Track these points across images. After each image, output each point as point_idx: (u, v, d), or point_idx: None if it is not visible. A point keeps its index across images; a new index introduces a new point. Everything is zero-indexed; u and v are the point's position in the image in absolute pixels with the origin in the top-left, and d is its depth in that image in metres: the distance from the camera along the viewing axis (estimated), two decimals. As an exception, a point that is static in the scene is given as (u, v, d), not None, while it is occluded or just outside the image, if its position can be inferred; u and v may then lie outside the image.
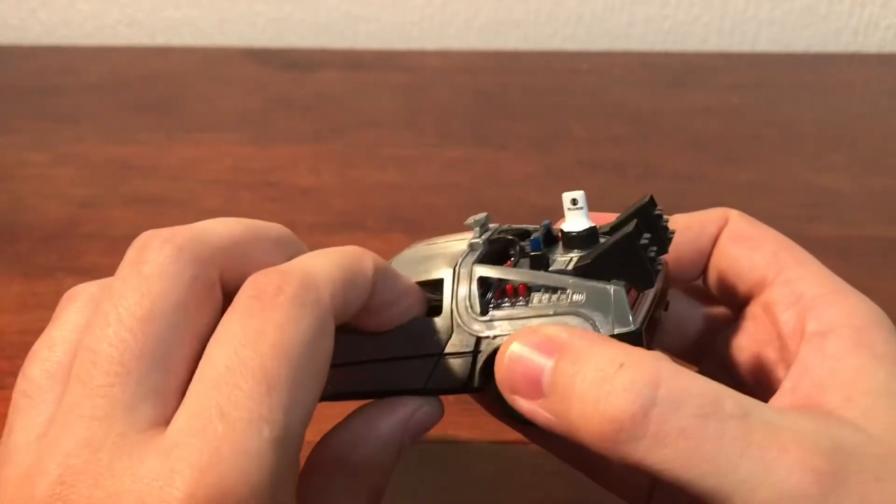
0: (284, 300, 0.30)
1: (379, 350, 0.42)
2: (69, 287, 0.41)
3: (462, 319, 0.39)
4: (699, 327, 0.47)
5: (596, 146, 0.97)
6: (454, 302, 0.40)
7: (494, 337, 0.38)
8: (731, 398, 0.31)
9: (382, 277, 0.38)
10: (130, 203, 0.88)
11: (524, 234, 0.43)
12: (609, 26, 1.25)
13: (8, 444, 0.31)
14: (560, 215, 0.45)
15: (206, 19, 1.25)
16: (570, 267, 0.38)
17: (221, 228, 0.35)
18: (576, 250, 0.39)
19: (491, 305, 0.39)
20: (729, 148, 0.97)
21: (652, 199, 0.40)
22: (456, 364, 0.40)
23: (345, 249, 0.36)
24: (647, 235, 0.38)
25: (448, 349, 0.40)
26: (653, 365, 0.32)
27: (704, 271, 0.45)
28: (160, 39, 1.26)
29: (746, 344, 0.43)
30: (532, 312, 0.38)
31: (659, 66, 1.19)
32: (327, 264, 0.34)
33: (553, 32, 1.26)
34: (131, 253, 0.34)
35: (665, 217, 0.42)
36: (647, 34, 1.26)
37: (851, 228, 0.82)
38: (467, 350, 0.39)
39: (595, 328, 0.36)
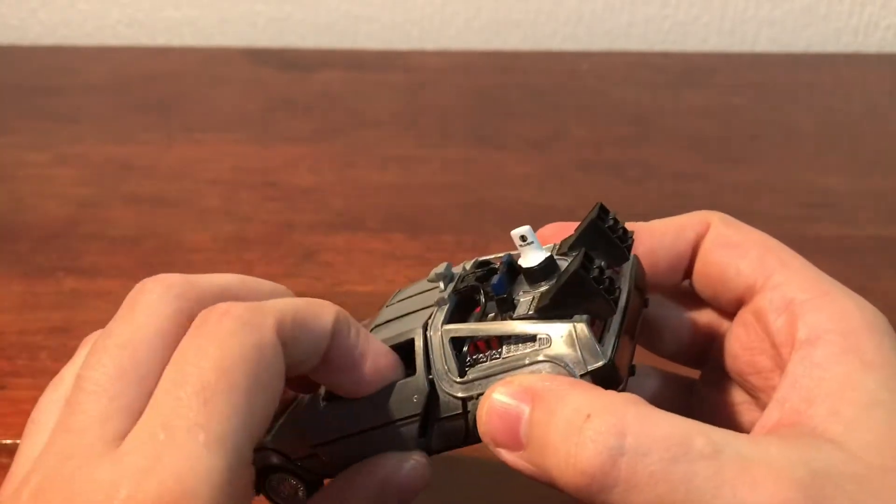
0: (227, 320, 0.33)
1: (372, 417, 0.42)
2: (69, 287, 0.41)
3: (443, 386, 0.40)
4: (693, 332, 0.47)
5: (596, 146, 0.97)
6: (433, 368, 0.40)
7: (478, 396, 0.39)
8: (702, 436, 0.31)
9: (346, 331, 0.38)
10: (130, 203, 0.88)
11: (489, 274, 0.43)
12: (609, 26, 1.25)
13: (13, 466, 0.34)
14: (558, 216, 0.45)
15: (206, 19, 1.25)
16: (532, 308, 0.38)
17: (217, 278, 0.40)
18: (540, 282, 0.39)
19: (468, 364, 0.40)
20: (729, 148, 0.97)
21: (601, 208, 0.40)
22: (451, 425, 0.40)
23: (310, 299, 0.39)
24: (598, 264, 0.38)
25: (442, 414, 0.40)
26: (619, 412, 0.32)
27: (689, 276, 0.45)
28: (160, 39, 1.26)
29: (740, 351, 0.42)
30: (508, 365, 0.38)
31: (659, 66, 1.19)
32: (282, 302, 0.36)
33: (553, 32, 1.26)
34: (129, 294, 0.38)
35: (620, 223, 0.42)
36: (646, 34, 1.26)
37: (851, 228, 0.82)
38: (457, 412, 0.40)
39: (569, 370, 0.36)
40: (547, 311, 0.37)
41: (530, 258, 0.39)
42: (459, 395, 0.39)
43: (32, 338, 0.69)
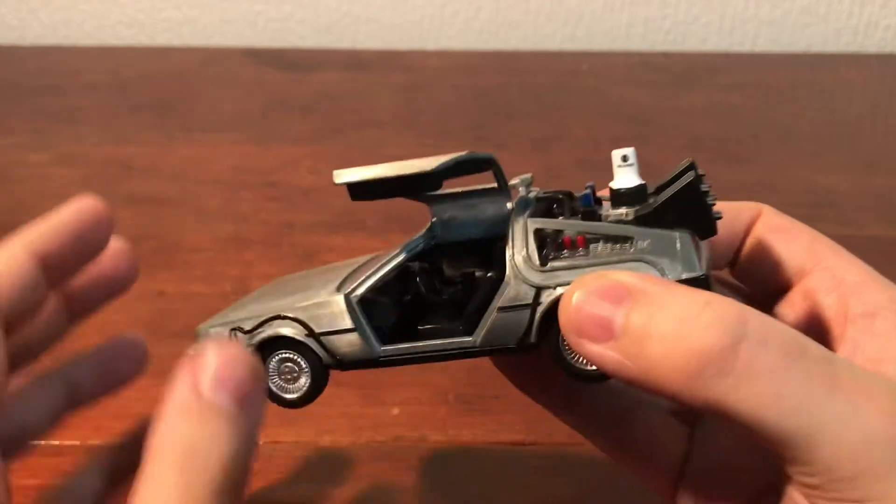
0: None
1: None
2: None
3: (519, 271, 0.38)
4: None
5: (596, 146, 0.97)
6: (510, 256, 0.39)
7: (556, 286, 0.37)
8: (815, 344, 0.31)
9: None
10: (130, 203, 0.88)
11: (567, 196, 0.43)
12: (609, 26, 1.25)
13: None
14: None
15: (206, 19, 1.25)
16: (628, 218, 0.37)
17: None
18: (624, 207, 0.38)
19: (550, 258, 0.38)
20: (729, 148, 0.97)
21: (697, 170, 0.38)
22: (510, 319, 0.38)
23: None
24: (707, 184, 0.38)
25: (502, 302, 0.38)
26: (737, 303, 0.31)
27: (734, 262, 0.45)
28: (160, 40, 1.26)
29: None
30: (595, 261, 0.37)
31: (659, 66, 1.19)
32: None
33: (553, 32, 1.26)
34: None
35: (712, 194, 0.40)
36: (646, 34, 1.26)
37: (851, 228, 0.82)
38: (524, 303, 0.38)
39: (662, 274, 0.35)
40: (647, 220, 0.36)
41: (625, 179, 0.38)
42: (534, 279, 0.38)
43: (32, 338, 0.69)
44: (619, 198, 0.38)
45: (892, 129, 1.05)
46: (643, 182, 0.39)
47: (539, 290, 0.37)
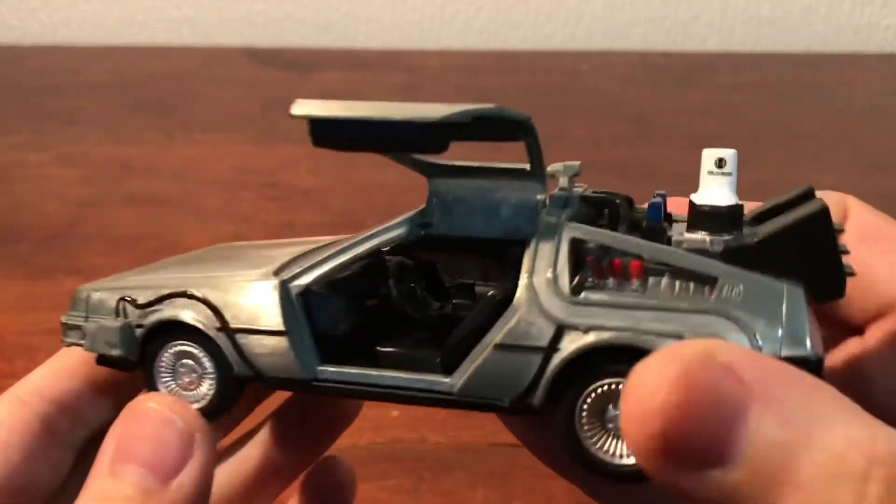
0: None
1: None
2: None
3: (537, 295, 0.26)
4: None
5: (596, 146, 0.97)
6: (528, 271, 0.27)
7: (588, 330, 0.26)
8: None
9: None
10: (130, 203, 0.88)
11: (626, 202, 0.32)
12: (609, 26, 1.25)
13: None
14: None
15: (206, 19, 1.25)
16: (714, 249, 0.26)
17: None
18: (706, 233, 0.27)
19: (587, 285, 0.27)
20: (732, 145, 0.97)
21: (824, 210, 0.27)
22: (510, 363, 0.27)
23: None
24: (839, 226, 0.27)
25: (503, 336, 0.27)
26: None
27: None
28: (160, 39, 1.26)
29: (876, 369, 0.33)
30: (653, 304, 0.25)
31: (659, 65, 1.19)
32: None
33: (553, 32, 1.26)
34: None
35: (842, 247, 0.27)
36: (647, 34, 1.26)
37: (852, 229, 0.82)
38: (535, 344, 0.26)
39: (751, 343, 0.25)
40: (744, 257, 0.25)
41: (715, 193, 0.28)
42: (556, 312, 0.26)
43: (32, 339, 0.69)
44: (701, 217, 0.28)
45: (893, 129, 1.05)
46: (739, 202, 0.28)
47: (562, 329, 0.26)
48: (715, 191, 0.28)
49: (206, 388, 0.31)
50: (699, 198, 0.28)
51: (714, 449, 0.22)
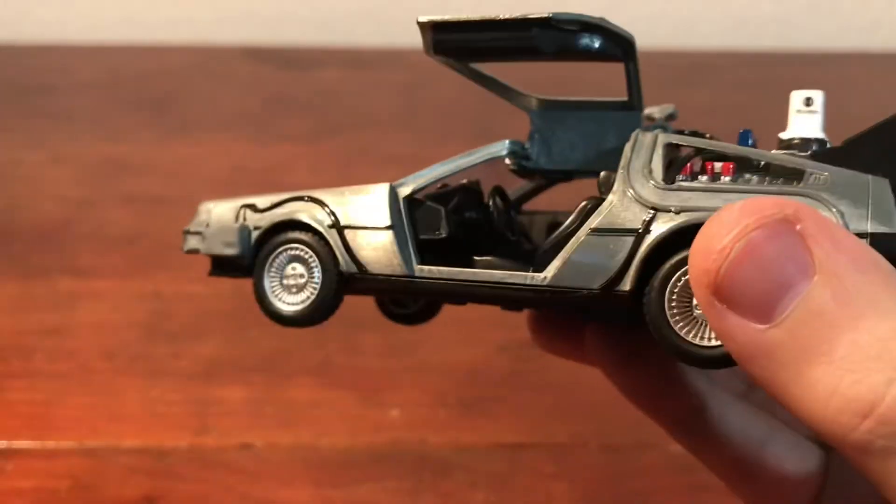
0: None
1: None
2: (64, 288, 0.40)
3: (631, 184, 0.28)
4: None
5: (597, 145, 0.97)
6: (623, 165, 0.29)
7: (680, 211, 0.27)
8: None
9: None
10: (127, 203, 0.87)
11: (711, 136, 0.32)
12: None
13: None
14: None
15: (203, 16, 1.24)
16: (802, 154, 0.28)
17: None
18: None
19: (680, 179, 0.28)
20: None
21: None
22: (601, 248, 0.27)
23: None
24: None
25: (597, 222, 0.28)
26: None
27: None
28: (157, 37, 1.25)
29: None
30: (745, 188, 0.27)
31: (662, 64, 1.18)
32: None
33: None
34: None
35: None
36: (649, 32, 1.25)
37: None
38: (628, 227, 0.27)
39: (840, 219, 0.26)
40: (830, 157, 0.27)
41: (804, 128, 0.30)
42: (649, 198, 0.27)
43: (27, 339, 0.69)
44: (791, 148, 0.29)
45: None
46: (826, 138, 0.30)
47: (654, 212, 0.27)
48: (803, 126, 0.29)
49: (311, 289, 0.33)
50: (787, 133, 0.29)
51: (762, 303, 0.23)
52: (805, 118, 0.30)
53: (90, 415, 0.62)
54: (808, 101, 0.31)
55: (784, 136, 0.29)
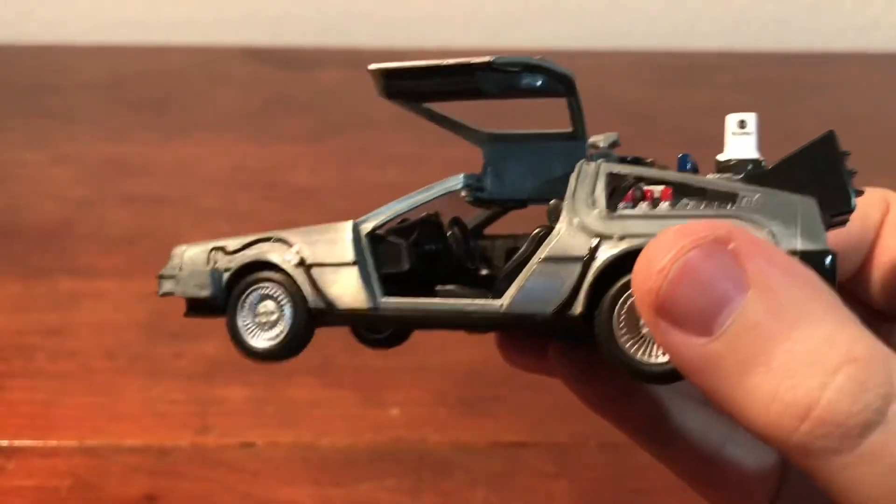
0: None
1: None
2: (65, 288, 0.40)
3: (577, 213, 0.30)
4: None
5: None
6: (569, 195, 0.31)
7: (622, 237, 0.29)
8: None
9: None
10: (127, 203, 0.87)
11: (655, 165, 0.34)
12: (610, 25, 1.24)
13: None
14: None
15: (203, 17, 1.24)
16: (735, 178, 0.30)
17: None
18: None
19: (621, 206, 0.30)
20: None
21: (830, 135, 0.30)
22: (552, 275, 0.30)
23: None
24: (846, 150, 0.30)
25: (548, 251, 0.30)
26: (886, 367, 0.24)
27: (862, 268, 0.37)
28: (158, 37, 1.25)
29: None
30: (681, 213, 0.29)
31: (660, 65, 1.18)
32: None
33: (554, 30, 1.26)
34: None
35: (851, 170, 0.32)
36: (648, 33, 1.25)
37: (854, 228, 0.82)
38: (575, 254, 0.29)
39: (773, 239, 0.28)
40: (760, 179, 0.29)
41: (739, 150, 0.31)
42: (594, 226, 0.29)
43: (28, 339, 0.69)
44: (726, 170, 0.31)
45: (894, 129, 1.04)
46: (760, 158, 0.31)
47: (599, 240, 0.29)
48: (738, 148, 0.31)
49: (281, 328, 0.35)
50: (723, 155, 0.31)
51: (702, 319, 0.25)
52: (740, 140, 0.32)
53: (91, 414, 0.62)
54: (742, 124, 0.32)
55: (721, 157, 0.31)
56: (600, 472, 0.59)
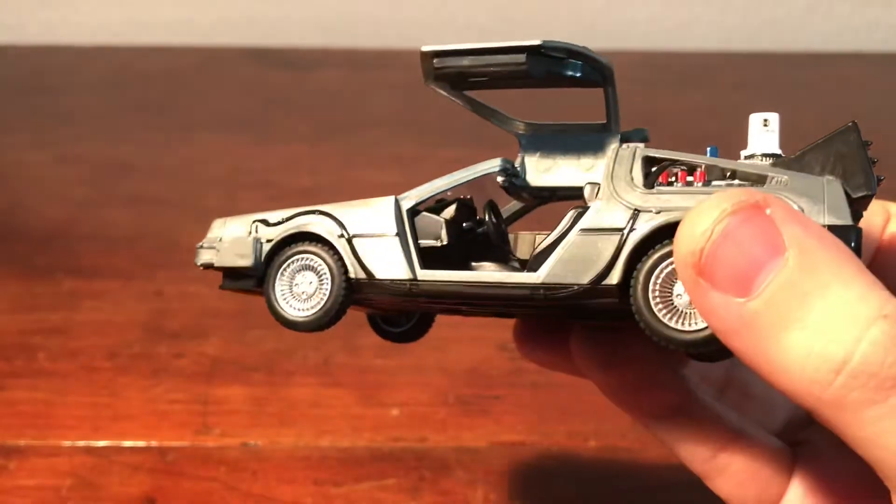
0: None
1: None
2: (68, 287, 0.41)
3: (615, 189, 0.31)
4: None
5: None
6: (606, 174, 0.32)
7: (660, 211, 0.30)
8: None
9: None
10: (129, 203, 0.87)
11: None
12: (610, 25, 1.25)
13: None
14: (559, 216, 0.43)
15: (205, 18, 1.25)
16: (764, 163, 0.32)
17: None
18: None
19: (657, 184, 0.32)
20: (730, 148, 0.97)
21: (853, 125, 0.32)
22: (590, 247, 0.31)
23: None
24: (868, 140, 0.32)
25: (586, 223, 0.31)
26: None
27: None
28: (159, 38, 1.26)
29: None
30: (716, 189, 0.30)
31: (660, 65, 1.18)
32: None
33: (553, 32, 1.26)
34: None
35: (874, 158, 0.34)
36: (647, 33, 1.25)
37: (853, 228, 0.82)
38: (614, 226, 0.31)
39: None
40: (790, 164, 0.31)
41: (762, 146, 0.33)
42: (632, 200, 0.31)
43: (31, 338, 0.69)
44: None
45: (893, 129, 1.04)
46: (781, 153, 0.33)
47: (636, 213, 0.31)
48: (761, 144, 0.33)
49: (319, 298, 0.35)
50: (748, 151, 0.33)
51: (741, 279, 0.26)
52: (764, 136, 0.33)
53: (92, 413, 0.62)
54: (766, 122, 0.34)
55: (745, 153, 0.33)
56: (600, 472, 0.59)
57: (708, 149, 0.34)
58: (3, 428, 0.61)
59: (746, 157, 0.33)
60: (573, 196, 0.36)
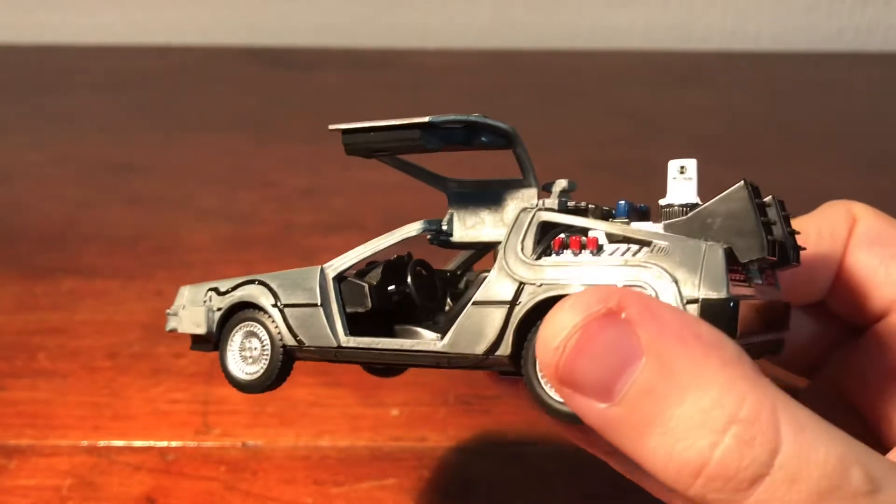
0: None
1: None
2: (67, 287, 0.41)
3: (506, 262, 0.33)
4: (810, 343, 0.41)
5: (596, 146, 0.97)
6: (502, 245, 0.33)
7: (541, 285, 0.32)
8: (860, 467, 0.26)
9: None
10: (129, 203, 0.87)
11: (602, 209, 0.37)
12: (610, 25, 1.25)
13: None
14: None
15: (204, 18, 1.25)
16: (657, 227, 0.32)
17: None
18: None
19: (548, 254, 0.33)
20: (729, 148, 0.97)
21: (750, 184, 0.32)
22: (482, 318, 0.32)
23: None
24: (768, 199, 0.32)
25: (478, 295, 0.33)
26: (772, 422, 0.26)
27: (834, 284, 0.38)
28: (159, 38, 1.26)
29: (870, 370, 0.37)
30: (596, 261, 0.31)
31: (660, 65, 1.18)
32: None
33: (553, 32, 1.26)
34: None
35: (785, 211, 0.34)
36: (648, 33, 1.25)
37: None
38: (500, 299, 0.32)
39: (675, 286, 0.29)
40: (679, 227, 0.31)
41: (678, 195, 0.33)
42: (519, 272, 0.32)
43: (31, 338, 0.69)
44: (666, 217, 0.33)
45: (893, 129, 1.05)
46: (697, 202, 0.33)
47: (522, 286, 0.32)
48: (678, 193, 0.33)
49: (264, 361, 0.38)
50: (665, 200, 0.33)
51: (601, 387, 0.27)
52: (680, 185, 0.33)
53: (92, 413, 0.62)
54: (683, 169, 0.33)
55: (662, 202, 0.33)
56: (600, 472, 0.59)
57: (619, 203, 0.34)
58: (4, 428, 0.61)
59: (664, 207, 0.33)
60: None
